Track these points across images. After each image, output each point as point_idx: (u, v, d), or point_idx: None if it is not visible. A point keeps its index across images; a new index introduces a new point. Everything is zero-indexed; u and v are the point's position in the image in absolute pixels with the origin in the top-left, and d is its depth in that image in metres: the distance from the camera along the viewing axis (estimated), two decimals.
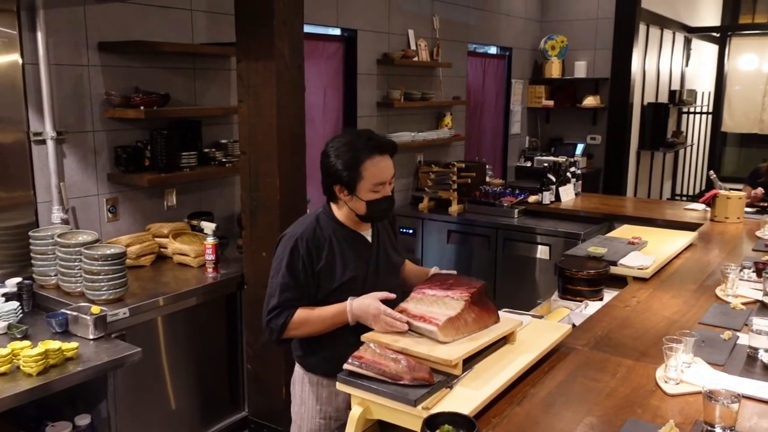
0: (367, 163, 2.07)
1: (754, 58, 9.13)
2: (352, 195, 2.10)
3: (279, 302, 2.08)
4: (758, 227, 4.03)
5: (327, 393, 2.23)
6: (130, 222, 3.49)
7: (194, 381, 3.17)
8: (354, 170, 2.07)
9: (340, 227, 2.18)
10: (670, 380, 1.96)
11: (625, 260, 3.13)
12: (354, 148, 2.07)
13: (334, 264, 2.13)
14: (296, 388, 2.31)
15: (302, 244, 2.10)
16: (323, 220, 2.18)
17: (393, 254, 2.33)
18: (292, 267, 2.08)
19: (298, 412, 2.30)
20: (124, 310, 2.74)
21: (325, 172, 2.12)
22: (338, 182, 2.10)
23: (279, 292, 2.09)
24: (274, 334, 2.11)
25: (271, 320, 2.10)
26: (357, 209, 2.14)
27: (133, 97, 3.27)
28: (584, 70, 7.09)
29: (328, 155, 2.11)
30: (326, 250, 2.12)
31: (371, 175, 2.09)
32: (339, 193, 2.12)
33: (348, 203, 2.13)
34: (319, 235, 2.13)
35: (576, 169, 5.48)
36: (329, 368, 2.15)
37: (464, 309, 1.98)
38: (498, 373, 1.91)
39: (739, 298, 2.75)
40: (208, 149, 3.73)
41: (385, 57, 5.07)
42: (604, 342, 2.32)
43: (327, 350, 2.18)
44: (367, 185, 2.09)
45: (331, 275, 2.12)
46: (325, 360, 2.19)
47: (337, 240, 2.15)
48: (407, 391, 1.74)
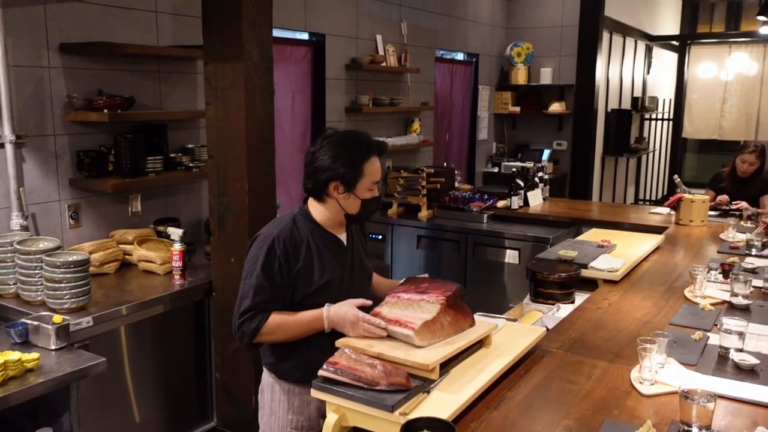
0: (368, 162, 2.07)
1: (712, 65, 9.36)
2: (350, 193, 2.07)
3: (252, 305, 2.02)
4: (722, 230, 4.11)
5: (299, 401, 2.16)
6: (93, 229, 3.39)
7: (161, 391, 3.09)
8: (357, 168, 2.05)
9: (317, 228, 2.14)
10: (644, 381, 1.97)
11: (596, 263, 3.15)
12: (358, 146, 2.07)
13: (311, 266, 2.08)
14: (265, 396, 2.23)
15: (279, 245, 2.04)
16: (300, 220, 2.13)
17: (366, 259, 2.30)
18: (268, 268, 2.03)
19: (267, 422, 2.21)
20: (87, 319, 2.65)
21: (319, 168, 2.05)
22: (337, 179, 2.05)
23: (252, 295, 2.02)
24: (245, 338, 2.04)
25: (242, 324, 2.03)
26: (349, 208, 2.11)
27: (96, 99, 3.19)
28: (550, 76, 7.17)
29: (324, 152, 2.05)
30: (304, 252, 2.07)
31: (370, 174, 2.08)
32: (333, 190, 2.07)
33: (341, 202, 2.09)
34: (296, 236, 2.08)
35: (544, 174, 5.53)
36: (302, 375, 2.10)
37: (440, 312, 1.96)
38: (475, 377, 1.89)
39: (707, 299, 2.78)
40: (175, 154, 3.65)
41: (353, 62, 5.05)
42: (578, 344, 2.32)
43: (300, 356, 2.12)
44: (366, 184, 2.08)
45: (308, 277, 2.07)
46: (298, 366, 2.13)
47: (314, 241, 2.11)
48: (384, 397, 1.71)
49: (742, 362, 2.09)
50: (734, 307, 2.66)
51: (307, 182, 2.12)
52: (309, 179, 2.10)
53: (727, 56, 9.17)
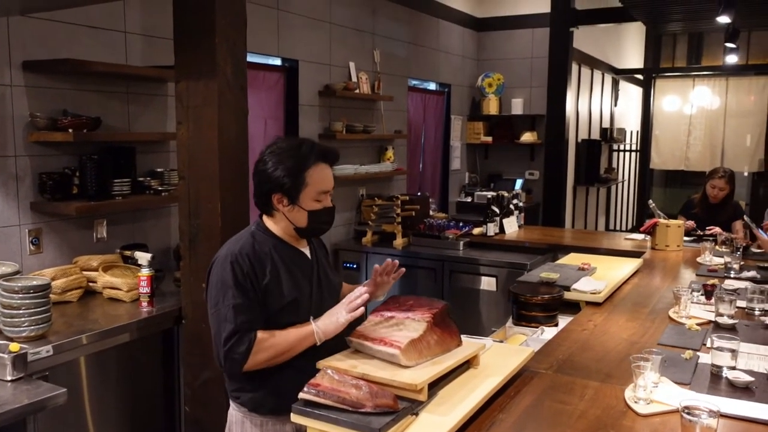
0: (311, 170, 1.95)
1: (676, 98, 9.57)
2: (294, 204, 1.96)
3: (236, 327, 1.86)
4: (698, 254, 4.11)
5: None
6: (56, 255, 3.22)
7: (125, 427, 2.90)
8: (298, 177, 1.93)
9: (279, 242, 2.03)
10: (640, 400, 1.89)
11: (578, 285, 3.09)
12: (298, 154, 1.95)
13: (279, 280, 1.96)
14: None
15: (244, 260, 1.91)
16: (259, 236, 2.01)
17: (331, 273, 2.19)
18: (240, 285, 1.89)
19: None
20: (47, 348, 2.48)
21: (262, 179, 1.96)
22: (278, 190, 1.94)
23: (234, 316, 1.86)
24: (237, 365, 1.87)
25: (231, 348, 1.86)
26: (297, 221, 1.99)
27: (60, 119, 3.06)
28: (521, 107, 7.23)
29: (265, 162, 1.96)
30: (269, 266, 1.95)
31: (315, 183, 1.97)
32: (278, 203, 1.97)
33: (287, 214, 1.98)
34: (258, 251, 1.96)
35: (519, 202, 5.51)
36: (277, 404, 1.95)
37: (426, 331, 1.86)
38: (465, 398, 1.79)
39: (692, 319, 2.74)
40: (143, 178, 3.52)
41: (326, 88, 5.00)
42: (567, 365, 2.23)
43: (274, 382, 1.97)
44: (311, 194, 1.96)
45: (277, 292, 1.95)
46: (271, 394, 1.98)
47: (278, 255, 1.99)
48: (370, 420, 1.59)
49: (736, 380, 2.03)
50: (720, 327, 2.62)
51: (255, 195, 2.02)
52: (256, 191, 2.01)
53: (691, 89, 9.39)
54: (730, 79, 8.98)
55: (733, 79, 8.96)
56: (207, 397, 2.95)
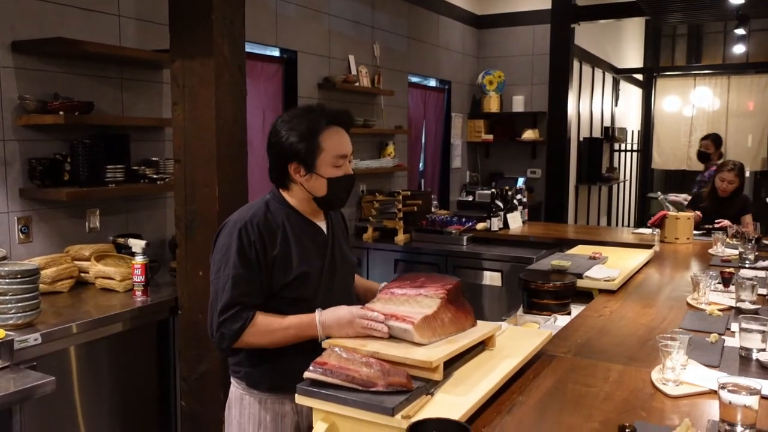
0: (325, 134, 1.85)
1: (678, 98, 9.49)
2: (311, 173, 1.86)
3: (232, 299, 1.76)
4: (707, 247, 4.01)
5: (271, 415, 1.90)
6: (46, 245, 3.09)
7: (117, 421, 2.75)
8: (312, 141, 1.83)
9: (294, 213, 1.92)
10: (669, 381, 1.77)
11: (591, 273, 2.97)
12: (309, 118, 1.85)
13: (289, 252, 1.85)
14: (233, 412, 1.96)
15: (253, 229, 1.81)
16: (273, 205, 1.91)
17: (347, 251, 2.07)
18: (244, 255, 1.79)
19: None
20: (35, 336, 2.35)
21: (276, 150, 1.87)
22: (294, 159, 1.84)
23: (231, 287, 1.77)
24: (225, 341, 1.78)
25: (224, 323, 1.77)
26: (316, 190, 1.89)
27: (51, 102, 2.93)
28: (522, 104, 7.13)
29: (278, 131, 1.86)
30: (280, 237, 1.85)
31: (331, 147, 1.85)
32: (295, 173, 1.87)
33: (305, 184, 1.88)
34: (270, 221, 1.86)
35: (522, 197, 5.39)
36: (277, 382, 1.86)
37: (440, 307, 1.73)
38: (482, 379, 1.66)
39: (712, 305, 2.62)
40: (138, 166, 3.39)
41: (326, 81, 4.89)
42: (586, 349, 2.11)
43: (275, 360, 1.86)
44: (328, 159, 1.85)
45: (286, 265, 1.84)
46: (272, 372, 1.87)
47: (291, 226, 1.88)
48: (382, 399, 1.47)
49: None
50: (743, 312, 2.50)
51: (271, 171, 1.93)
52: (271, 164, 1.92)
53: (692, 89, 9.31)
54: (732, 78, 8.91)
55: (735, 77, 8.89)
56: (204, 391, 2.81)
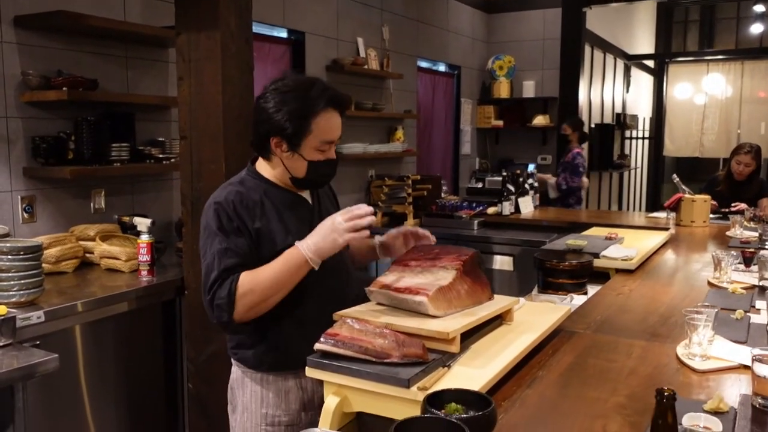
0: (319, 117, 1.72)
1: (690, 84, 9.36)
2: (294, 152, 1.74)
3: (219, 273, 1.68)
4: (724, 230, 3.92)
5: (274, 392, 1.83)
6: (51, 225, 3.03)
7: (122, 403, 2.70)
8: (303, 122, 1.71)
9: (273, 188, 1.80)
10: (695, 356, 1.69)
11: (608, 252, 2.89)
12: (306, 97, 1.72)
13: (271, 228, 1.74)
14: (236, 393, 1.89)
15: (229, 207, 1.72)
16: (249, 182, 1.80)
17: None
18: (225, 229, 1.70)
19: (239, 421, 1.87)
20: (38, 314, 2.29)
21: (261, 119, 1.74)
22: (278, 134, 1.72)
23: (218, 262, 1.68)
24: (225, 313, 1.67)
25: (214, 296, 1.67)
26: (294, 170, 1.78)
27: (54, 78, 2.87)
28: (533, 89, 7.03)
29: (267, 99, 1.73)
30: (259, 214, 1.74)
31: (321, 131, 1.74)
32: (275, 147, 1.75)
33: (285, 161, 1.76)
34: (246, 199, 1.74)
35: (533, 182, 5.30)
36: (276, 359, 1.80)
37: (456, 279, 1.66)
38: (500, 353, 1.59)
39: (734, 283, 2.53)
40: (143, 147, 3.33)
41: (334, 63, 4.81)
42: (606, 326, 2.04)
43: (273, 337, 1.79)
44: (314, 142, 1.74)
45: (269, 240, 1.74)
46: (271, 350, 1.80)
47: (270, 201, 1.77)
48: (397, 370, 1.39)
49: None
50: (766, 290, 2.42)
51: (252, 133, 1.81)
52: (253, 131, 1.80)
53: (705, 75, 9.18)
54: (746, 63, 8.76)
55: (749, 63, 8.74)
56: (211, 373, 2.76)
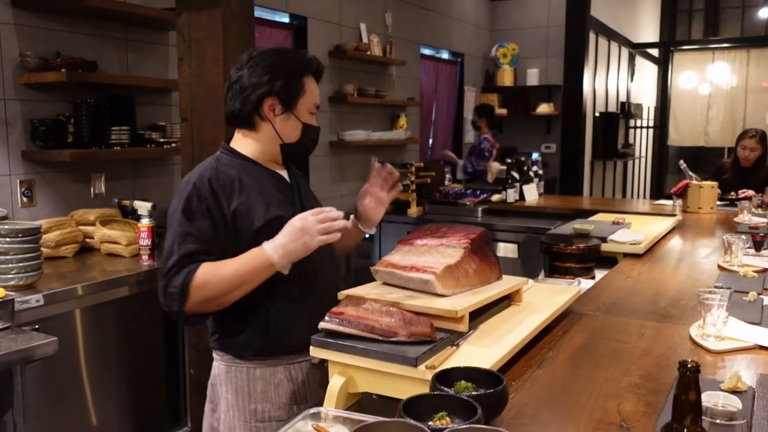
0: (308, 79, 1.70)
1: (695, 73, 9.28)
2: (290, 112, 1.67)
3: (178, 259, 1.54)
4: (733, 216, 3.87)
5: (262, 385, 1.68)
6: (50, 209, 2.99)
7: (123, 389, 2.67)
8: (298, 81, 1.67)
9: (251, 164, 1.70)
10: (709, 337, 1.65)
11: (616, 236, 2.85)
12: (296, 58, 1.70)
13: (250, 203, 1.63)
14: (218, 390, 1.76)
15: (204, 186, 1.60)
16: (225, 159, 1.69)
17: (315, 200, 1.87)
18: (189, 211, 1.58)
19: (224, 420, 1.71)
20: (36, 297, 2.25)
21: (249, 84, 1.64)
22: (273, 93, 1.64)
23: (177, 246, 1.55)
24: (175, 302, 1.53)
25: (168, 283, 1.54)
26: (288, 134, 1.69)
27: (53, 60, 2.82)
28: (536, 77, 6.97)
29: (252, 66, 1.65)
30: (237, 190, 1.63)
31: (311, 93, 1.71)
32: (269, 111, 1.65)
33: (277, 125, 1.67)
34: (223, 176, 1.63)
35: (538, 169, 5.26)
36: (263, 346, 1.66)
37: (464, 257, 1.62)
38: (509, 333, 1.54)
39: (745, 267, 2.49)
40: (144, 131, 3.29)
41: (337, 49, 4.76)
42: (615, 308, 1.99)
43: (257, 322, 1.66)
44: (307, 104, 1.70)
45: (251, 215, 1.62)
46: (256, 336, 1.66)
47: (249, 177, 1.67)
48: (404, 349, 1.35)
49: None
50: None
51: (233, 104, 1.67)
52: (236, 100, 1.67)
53: (710, 63, 9.10)
54: (752, 51, 8.68)
55: (755, 51, 8.65)
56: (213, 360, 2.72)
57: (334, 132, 4.84)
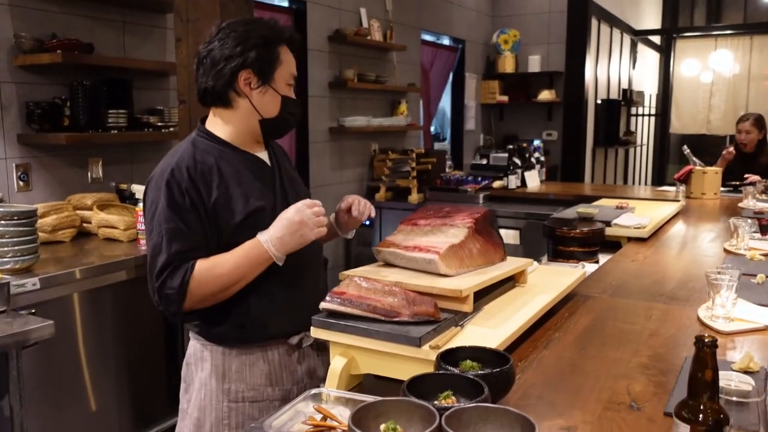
0: (283, 49, 1.60)
1: (698, 60, 9.21)
2: (267, 85, 1.58)
3: (169, 257, 1.49)
4: (736, 202, 3.84)
5: (237, 366, 1.62)
6: (47, 194, 2.95)
7: (123, 375, 2.64)
8: (272, 50, 1.57)
9: (228, 149, 1.61)
10: (718, 318, 1.61)
11: (620, 220, 2.81)
12: (268, 26, 1.60)
13: (229, 195, 1.56)
14: (192, 369, 1.68)
15: (182, 175, 1.52)
16: (201, 143, 1.60)
17: (301, 185, 1.80)
18: (176, 205, 1.51)
19: (195, 400, 1.65)
20: (33, 281, 2.22)
21: (222, 57, 1.55)
22: (247, 66, 1.55)
23: (166, 244, 1.49)
24: (173, 304, 1.50)
25: (163, 285, 1.49)
26: (266, 109, 1.60)
27: (48, 41, 2.78)
28: (538, 64, 6.90)
29: (222, 39, 1.56)
30: (216, 180, 1.55)
31: (287, 63, 1.61)
32: (244, 85, 1.56)
33: (255, 99, 1.58)
34: (200, 163, 1.55)
35: (540, 156, 5.21)
36: (240, 335, 1.61)
37: (468, 237, 1.58)
38: (514, 314, 1.51)
39: (752, 250, 2.45)
40: (141, 115, 3.24)
41: (336, 33, 4.70)
42: (622, 290, 1.96)
43: (237, 314, 1.60)
44: (284, 75, 1.61)
45: (230, 209, 1.56)
46: (235, 327, 1.60)
47: (227, 164, 1.59)
48: (408, 329, 1.32)
49: None
50: None
51: (204, 81, 1.58)
52: (207, 77, 1.57)
53: (713, 50, 9.01)
54: (755, 38, 8.59)
55: (758, 38, 8.57)
56: None
57: (333, 118, 4.79)
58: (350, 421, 0.93)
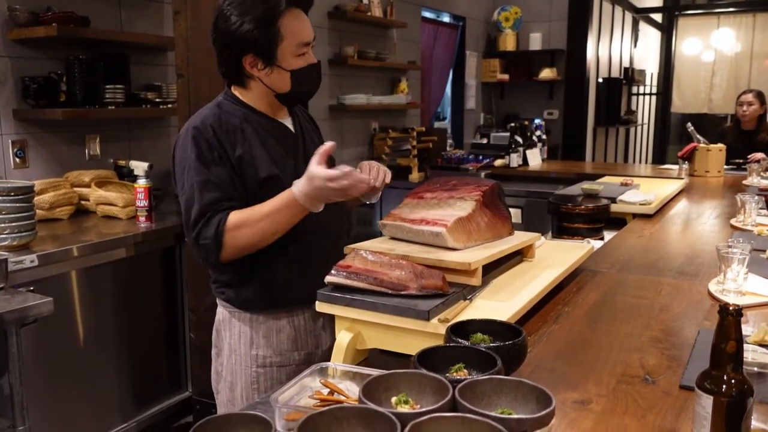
0: (285, 19, 1.54)
1: (700, 38, 9.12)
2: (272, 66, 1.57)
3: (202, 207, 1.51)
4: (740, 180, 3.81)
5: (264, 332, 1.67)
6: (44, 171, 2.91)
7: (123, 354, 2.62)
8: (270, 29, 1.53)
9: (252, 113, 1.63)
10: (729, 292, 1.59)
11: (625, 197, 2.78)
12: (261, 5, 1.53)
13: (253, 154, 1.58)
14: (222, 335, 1.75)
15: (207, 131, 1.55)
16: (227, 106, 1.63)
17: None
18: (204, 159, 1.53)
19: (227, 364, 1.72)
20: (31, 258, 2.19)
21: (227, 41, 1.56)
22: (250, 50, 1.54)
23: (199, 194, 1.51)
24: (210, 253, 1.52)
25: (199, 234, 1.51)
26: (278, 86, 1.60)
27: (43, 13, 2.72)
28: (539, 42, 6.82)
29: (227, 17, 1.54)
30: (240, 140, 1.57)
31: (293, 34, 1.56)
32: (251, 68, 1.57)
33: (265, 80, 1.59)
34: (225, 123, 1.57)
35: (542, 134, 5.17)
36: (267, 299, 1.65)
37: (475, 210, 1.55)
38: (523, 288, 1.48)
39: (759, 226, 2.43)
40: (139, 91, 3.19)
41: (336, 9, 4.62)
42: (630, 265, 1.93)
43: (262, 276, 1.64)
44: (290, 48, 1.56)
45: (252, 170, 1.57)
46: (261, 290, 1.64)
47: (251, 127, 1.60)
48: (416, 302, 1.29)
49: None
50: None
51: (220, 66, 1.63)
52: (220, 62, 1.62)
53: (715, 29, 8.93)
54: (758, 16, 8.51)
55: (761, 15, 8.48)
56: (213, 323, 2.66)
57: (333, 96, 4.73)
58: (360, 393, 0.90)
